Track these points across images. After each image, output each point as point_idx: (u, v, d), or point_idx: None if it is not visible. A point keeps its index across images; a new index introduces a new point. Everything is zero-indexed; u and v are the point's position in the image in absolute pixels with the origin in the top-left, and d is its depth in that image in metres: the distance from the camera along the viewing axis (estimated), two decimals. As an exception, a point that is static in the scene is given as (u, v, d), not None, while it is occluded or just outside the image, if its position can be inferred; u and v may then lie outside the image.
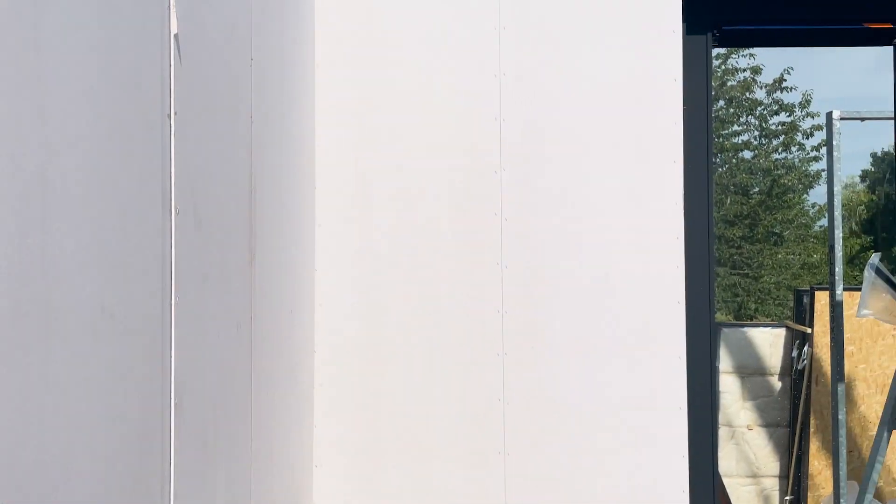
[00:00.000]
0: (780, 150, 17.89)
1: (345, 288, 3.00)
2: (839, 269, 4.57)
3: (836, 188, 4.61)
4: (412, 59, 3.03)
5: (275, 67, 2.33)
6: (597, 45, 3.01)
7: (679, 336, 2.96)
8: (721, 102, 17.77)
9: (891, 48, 3.26)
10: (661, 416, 2.93)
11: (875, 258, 4.19)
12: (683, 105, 3.02)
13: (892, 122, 3.22)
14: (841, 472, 4.48)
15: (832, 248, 4.55)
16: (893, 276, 3.96)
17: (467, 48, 3.03)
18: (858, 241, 26.29)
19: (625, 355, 2.95)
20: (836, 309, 4.60)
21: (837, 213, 4.54)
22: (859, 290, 4.48)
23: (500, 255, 2.98)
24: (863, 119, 4.77)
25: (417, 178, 3.01)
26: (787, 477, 6.80)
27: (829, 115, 4.61)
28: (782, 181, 17.40)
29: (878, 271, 4.03)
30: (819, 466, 6.43)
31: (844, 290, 4.71)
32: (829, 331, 4.96)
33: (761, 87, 17.66)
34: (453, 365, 2.96)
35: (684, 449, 2.92)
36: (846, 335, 6.49)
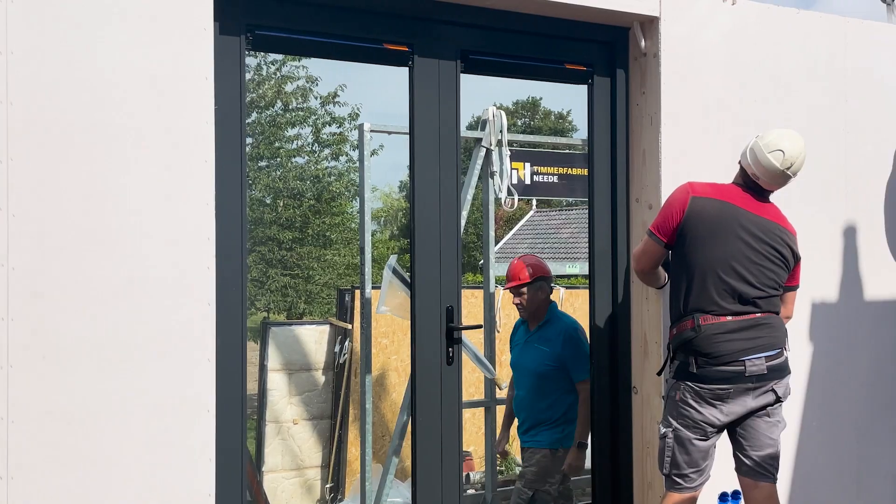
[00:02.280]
0: (330, 158, 18.92)
1: None
2: (368, 269, 4.94)
3: (367, 194, 4.99)
4: None
5: None
6: (123, 33, 2.83)
7: (209, 338, 2.92)
8: (276, 108, 18.18)
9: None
10: (189, 420, 2.86)
11: (392, 259, 4.63)
12: (216, 105, 2.99)
13: (409, 136, 3.55)
14: (367, 457, 4.84)
15: (363, 249, 4.91)
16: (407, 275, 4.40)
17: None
18: (398, 244, 29.01)
19: (153, 360, 2.83)
20: (365, 306, 4.97)
21: (367, 217, 4.92)
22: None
23: (5, 255, 2.64)
24: (389, 133, 5.24)
25: None
26: (329, 466, 7.20)
27: (360, 127, 5.00)
28: (332, 188, 18.42)
29: (394, 271, 4.47)
30: (356, 453, 6.89)
31: (375, 288, 5.11)
32: (361, 326, 5.33)
33: (317, 98, 18.48)
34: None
35: (212, 452, 2.89)
36: (381, 329, 7.08)
